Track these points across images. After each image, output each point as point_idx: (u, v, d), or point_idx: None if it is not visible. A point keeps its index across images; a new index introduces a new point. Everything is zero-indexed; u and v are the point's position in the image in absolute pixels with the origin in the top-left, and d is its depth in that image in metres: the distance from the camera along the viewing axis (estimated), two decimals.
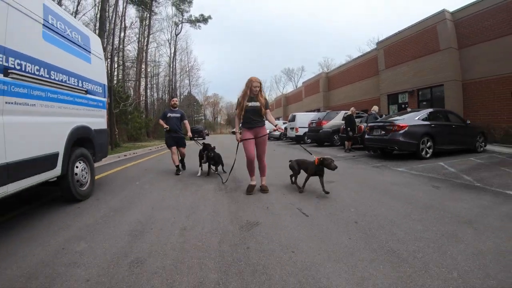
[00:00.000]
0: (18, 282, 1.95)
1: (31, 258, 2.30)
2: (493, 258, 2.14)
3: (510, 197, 3.93)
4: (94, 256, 2.29)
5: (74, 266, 2.14)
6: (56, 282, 1.92)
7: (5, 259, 2.29)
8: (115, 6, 24.96)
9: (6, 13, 2.75)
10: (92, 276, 1.98)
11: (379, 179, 5.46)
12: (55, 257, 2.31)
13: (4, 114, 2.64)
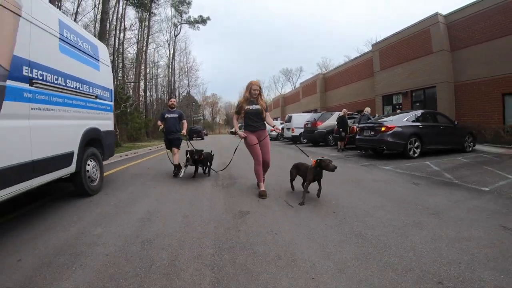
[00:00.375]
0: (46, 258, 2.39)
1: (55, 240, 2.75)
2: (449, 242, 2.58)
3: (483, 193, 4.37)
4: (110, 238, 2.75)
5: (94, 245, 2.60)
6: (80, 257, 2.37)
7: (32, 242, 2.73)
8: (114, 7, 25.45)
9: (29, 30, 3.20)
10: (110, 252, 2.43)
11: (365, 176, 5.93)
12: (76, 239, 2.76)
13: (30, 119, 3.08)
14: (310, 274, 2.02)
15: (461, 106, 14.55)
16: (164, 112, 6.71)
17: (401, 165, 7.19)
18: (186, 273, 2.06)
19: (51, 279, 2.03)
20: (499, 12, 12.65)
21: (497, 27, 12.77)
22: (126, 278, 2.01)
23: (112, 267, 2.17)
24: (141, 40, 33.33)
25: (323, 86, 28.56)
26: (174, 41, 40.86)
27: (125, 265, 2.21)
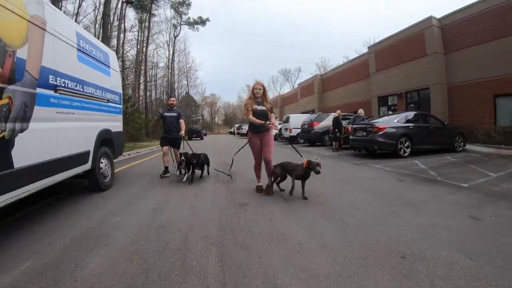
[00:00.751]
0: (75, 240, 2.84)
1: (80, 227, 3.20)
2: (419, 228, 3.03)
3: (462, 189, 4.83)
4: (128, 224, 3.20)
5: (115, 229, 3.05)
6: (104, 238, 2.83)
7: (58, 229, 3.17)
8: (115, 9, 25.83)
9: (53, 43, 3.64)
10: (130, 235, 2.89)
11: (355, 174, 6.39)
12: (98, 225, 3.22)
13: (55, 121, 3.53)
14: (297, 249, 2.49)
15: (454, 107, 15.00)
16: (163, 110, 6.70)
17: (391, 163, 7.65)
18: (196, 249, 2.52)
19: (83, 255, 2.47)
20: (490, 17, 13.12)
21: (488, 31, 13.24)
22: (147, 253, 2.46)
23: (133, 246, 2.63)
24: (141, 41, 33.77)
25: (320, 87, 29.07)
26: (174, 42, 41.29)
27: (143, 244, 2.66)
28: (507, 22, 12.42)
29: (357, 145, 9.61)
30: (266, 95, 4.70)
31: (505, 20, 12.50)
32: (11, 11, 2.85)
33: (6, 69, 2.72)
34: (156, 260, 2.33)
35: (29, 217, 3.57)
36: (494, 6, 12.94)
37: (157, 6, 34.63)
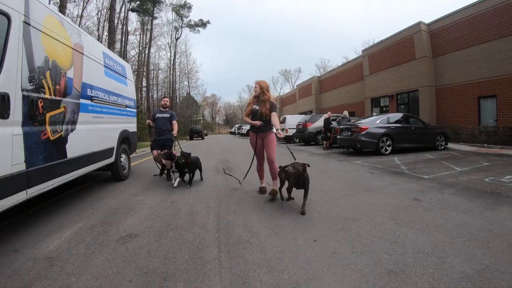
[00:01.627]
0: (110, 211, 3.92)
1: (111, 203, 4.29)
2: (367, 204, 4.08)
3: (420, 179, 5.84)
4: (149, 201, 4.32)
5: (139, 204, 4.15)
6: (132, 209, 3.92)
7: (95, 204, 4.27)
8: (119, 13, 26.94)
9: (88, 63, 4.74)
10: (151, 207, 4.01)
11: (335, 168, 7.48)
12: (125, 202, 4.32)
13: (92, 124, 4.63)
14: (269, 212, 3.61)
15: (442, 108, 16.06)
16: (155, 111, 6.54)
17: (371, 160, 8.72)
18: (200, 213, 3.65)
19: (119, 218, 3.57)
20: (474, 23, 14.20)
21: (472, 36, 14.32)
22: (165, 216, 3.58)
23: (155, 212, 3.74)
24: (143, 44, 34.93)
25: (318, 88, 30.22)
26: (175, 44, 42.49)
27: (162, 211, 3.78)
28: (489, 28, 13.48)
29: (344, 144, 10.72)
30: (267, 94, 4.55)
31: (488, 26, 13.55)
32: (62, 43, 3.95)
33: (61, 86, 3.82)
34: (172, 219, 3.44)
35: (69, 198, 4.67)
36: (478, 13, 14.00)
37: (159, 9, 35.78)
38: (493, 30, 13.39)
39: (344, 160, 8.97)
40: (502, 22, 12.94)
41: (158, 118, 6.21)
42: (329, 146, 12.66)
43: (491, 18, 13.45)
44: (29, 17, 3.19)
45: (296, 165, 3.66)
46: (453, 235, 2.86)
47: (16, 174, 2.84)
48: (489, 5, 13.46)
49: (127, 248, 2.68)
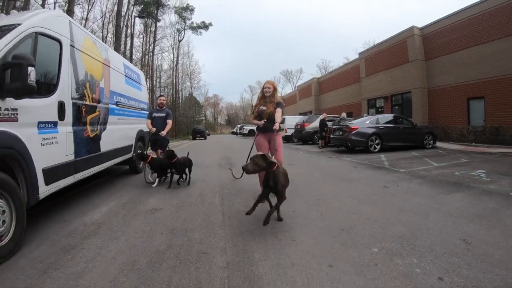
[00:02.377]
0: (135, 194, 4.88)
1: (133, 190, 5.26)
2: (340, 190, 5.06)
3: (397, 172, 6.76)
4: (165, 188, 5.25)
5: (157, 190, 5.13)
6: (152, 194, 4.89)
7: (120, 191, 5.23)
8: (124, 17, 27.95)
9: (114, 74, 5.72)
10: (169, 191, 4.95)
11: (325, 163, 8.45)
12: (145, 189, 5.29)
13: (117, 124, 5.61)
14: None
15: (434, 109, 16.92)
16: (152, 111, 6.58)
17: (359, 157, 9.66)
18: (208, 195, 4.64)
19: (144, 199, 4.55)
20: (464, 27, 15.07)
21: (462, 40, 15.20)
22: (181, 197, 4.56)
23: (171, 195, 4.72)
24: (148, 45, 36.01)
25: (317, 90, 31.19)
26: (178, 46, 43.58)
27: (177, 194, 4.77)
28: (477, 33, 14.32)
29: (336, 142, 11.67)
30: (275, 95, 4.50)
31: (476, 31, 14.39)
32: (95, 59, 4.93)
33: (96, 95, 4.80)
34: (186, 199, 4.43)
35: (96, 187, 5.65)
36: (467, 18, 14.87)
37: (163, 12, 36.89)
38: (480, 35, 14.23)
39: (334, 157, 9.92)
40: (488, 27, 13.79)
41: (155, 118, 6.35)
42: (325, 145, 13.60)
43: (478, 23, 14.30)
44: (73, 41, 4.17)
45: (257, 159, 3.03)
46: (403, 211, 3.80)
47: (68, 162, 3.81)
48: (476, 11, 14.35)
49: (154, 216, 3.66)
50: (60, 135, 3.61)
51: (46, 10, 3.92)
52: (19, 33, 3.07)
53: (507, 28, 12.97)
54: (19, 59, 2.71)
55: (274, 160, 3.24)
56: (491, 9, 13.77)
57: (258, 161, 2.98)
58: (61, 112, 3.66)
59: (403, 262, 2.35)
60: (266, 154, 3.10)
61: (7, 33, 3.00)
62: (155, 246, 2.77)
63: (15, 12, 4.39)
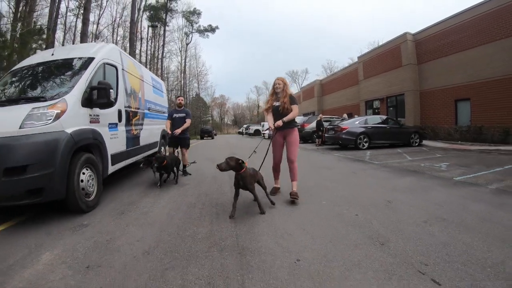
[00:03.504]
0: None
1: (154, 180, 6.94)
2: (320, 175, 6.72)
3: (372, 164, 8.32)
4: (185, 177, 6.96)
5: (181, 174, 6.80)
6: (168, 185, 6.57)
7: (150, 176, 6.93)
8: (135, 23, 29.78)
9: (145, 86, 7.44)
10: (190, 176, 6.64)
11: (316, 158, 10.09)
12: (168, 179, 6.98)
13: (148, 125, 7.34)
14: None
15: (425, 110, 18.44)
16: (172, 111, 7.03)
17: (348, 153, 11.27)
18: (219, 178, 6.33)
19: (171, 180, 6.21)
20: (452, 33, 16.52)
21: (451, 46, 16.63)
22: (199, 178, 6.26)
23: (192, 177, 6.41)
24: (157, 48, 37.96)
25: (320, 91, 32.83)
26: (186, 49, 45.53)
27: (197, 177, 6.47)
28: (465, 38, 15.69)
29: (330, 140, 13.31)
30: (286, 90, 4.56)
31: (464, 36, 15.78)
32: (135, 76, 6.66)
33: (137, 103, 6.54)
34: (203, 179, 6.15)
35: (129, 175, 7.35)
36: (455, 24, 16.30)
37: (171, 16, 38.81)
38: (467, 40, 15.65)
39: (326, 153, 11.56)
40: (474, 34, 15.20)
41: (175, 118, 6.82)
42: (322, 143, 15.22)
43: (465, 30, 15.75)
44: (123, 65, 5.90)
45: (229, 160, 3.69)
46: (357, 186, 5.46)
47: (123, 151, 5.55)
48: (463, 18, 15.82)
49: (184, 188, 5.40)
50: (119, 133, 5.36)
51: (105, 45, 5.58)
52: (95, 64, 4.78)
53: (491, 34, 14.33)
54: (104, 85, 4.44)
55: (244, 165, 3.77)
56: (475, 16, 15.14)
57: (230, 162, 3.68)
58: (120, 116, 5.40)
59: (339, 208, 4.01)
60: (238, 158, 3.74)
61: (88, 65, 4.70)
62: (188, 201, 4.50)
63: (80, 45, 6.15)
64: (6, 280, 2.26)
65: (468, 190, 4.89)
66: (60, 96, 3.91)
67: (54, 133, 3.58)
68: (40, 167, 3.35)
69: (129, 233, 3.22)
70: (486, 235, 2.87)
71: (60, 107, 3.76)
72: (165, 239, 3.01)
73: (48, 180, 3.41)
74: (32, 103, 3.80)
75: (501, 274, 2.17)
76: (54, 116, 3.64)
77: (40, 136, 3.46)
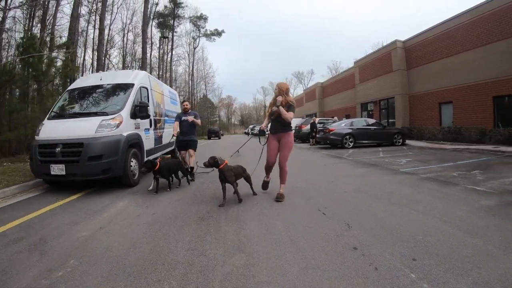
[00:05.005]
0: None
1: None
2: (300, 166, 8.92)
3: (346, 160, 10.48)
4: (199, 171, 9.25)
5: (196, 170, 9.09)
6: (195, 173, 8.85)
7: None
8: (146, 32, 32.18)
9: (165, 98, 9.75)
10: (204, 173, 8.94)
11: (303, 154, 12.31)
12: None
13: (166, 128, 9.65)
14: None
15: (413, 112, 20.30)
16: (180, 114, 7.48)
17: (333, 151, 13.40)
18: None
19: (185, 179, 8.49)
20: (437, 41, 18.17)
21: (435, 52, 18.25)
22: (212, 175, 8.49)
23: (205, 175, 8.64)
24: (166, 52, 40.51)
25: (321, 94, 35.01)
26: (193, 53, 48.11)
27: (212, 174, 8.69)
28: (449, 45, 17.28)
29: (320, 140, 15.50)
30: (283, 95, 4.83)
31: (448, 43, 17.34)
32: (158, 92, 9.00)
33: (160, 113, 8.87)
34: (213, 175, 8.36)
35: None
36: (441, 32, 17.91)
37: (179, 22, 41.36)
38: (450, 47, 17.25)
39: (315, 151, 13.75)
40: (455, 42, 16.85)
41: (182, 121, 7.23)
42: (315, 143, 17.39)
43: (448, 38, 17.35)
44: (151, 86, 8.22)
45: (210, 159, 4.78)
46: (320, 174, 7.69)
47: (151, 148, 7.86)
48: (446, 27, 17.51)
49: (200, 182, 7.58)
50: (150, 135, 7.70)
51: (139, 72, 7.93)
52: (135, 88, 7.12)
53: (470, 42, 15.93)
54: (144, 104, 6.78)
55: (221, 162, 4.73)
56: (456, 26, 16.72)
57: (210, 160, 4.77)
58: (151, 124, 7.73)
59: (297, 184, 6.22)
60: (216, 156, 4.77)
61: (131, 89, 7.02)
62: (205, 190, 6.75)
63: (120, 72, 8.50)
64: (104, 211, 4.56)
65: (401, 177, 6.76)
66: (117, 112, 6.25)
67: (117, 136, 5.91)
68: (109, 156, 5.69)
69: (164, 194, 5.57)
70: (386, 201, 4.77)
71: (119, 119, 6.09)
72: (182, 200, 5.29)
73: (114, 164, 5.74)
74: (100, 116, 6.14)
75: (374, 218, 4.40)
76: (116, 125, 5.98)
77: (108, 137, 5.80)
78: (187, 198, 5.40)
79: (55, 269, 2.63)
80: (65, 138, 5.74)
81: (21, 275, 2.54)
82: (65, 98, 7.35)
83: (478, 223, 3.51)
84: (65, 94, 7.56)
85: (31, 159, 6.12)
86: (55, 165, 5.60)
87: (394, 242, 2.99)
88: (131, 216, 4.28)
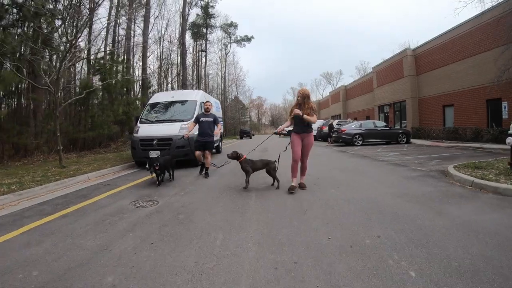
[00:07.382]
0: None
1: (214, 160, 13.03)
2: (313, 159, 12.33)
3: (348, 153, 13.79)
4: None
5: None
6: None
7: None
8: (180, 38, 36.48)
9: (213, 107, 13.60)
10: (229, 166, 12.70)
11: (320, 150, 15.69)
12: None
13: None
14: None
15: (422, 114, 22.88)
16: (199, 115, 7.81)
17: (343, 148, 16.63)
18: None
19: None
20: (441, 49, 20.48)
21: (440, 60, 20.50)
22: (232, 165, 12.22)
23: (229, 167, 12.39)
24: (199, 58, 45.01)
25: (345, 96, 38.02)
26: (225, 59, 52.49)
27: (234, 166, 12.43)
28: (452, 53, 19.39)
29: (335, 139, 18.89)
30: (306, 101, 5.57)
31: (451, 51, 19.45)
32: None
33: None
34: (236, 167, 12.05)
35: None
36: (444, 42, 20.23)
37: (211, 31, 45.69)
38: (454, 55, 19.24)
39: (330, 148, 17.07)
40: (456, 51, 19.02)
41: (202, 122, 7.57)
42: (333, 141, 20.64)
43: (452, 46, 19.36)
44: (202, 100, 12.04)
45: (232, 152, 6.05)
46: (325, 164, 11.19)
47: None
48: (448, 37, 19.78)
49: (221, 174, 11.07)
50: None
51: (199, 92, 11.83)
52: (198, 103, 11.13)
53: (467, 51, 18.05)
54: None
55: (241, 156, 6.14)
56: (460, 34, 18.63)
57: (233, 154, 6.08)
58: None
59: None
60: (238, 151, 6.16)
61: (196, 104, 11.00)
62: (228, 179, 10.44)
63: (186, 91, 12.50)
64: (183, 189, 8.38)
65: (376, 163, 9.83)
66: (189, 120, 10.09)
67: (191, 135, 9.70)
68: (187, 146, 9.58)
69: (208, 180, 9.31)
70: (352, 173, 8.31)
71: (191, 124, 9.89)
72: (215, 187, 8.35)
73: (190, 151, 9.63)
74: (179, 122, 10.08)
75: (340, 180, 7.95)
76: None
77: None
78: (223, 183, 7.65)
79: (179, 192, 6.19)
80: (159, 136, 9.80)
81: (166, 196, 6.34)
82: (148, 109, 11.41)
83: (399, 184, 6.27)
84: (147, 107, 11.62)
85: (133, 148, 10.15)
86: (153, 151, 9.56)
87: (345, 189, 5.95)
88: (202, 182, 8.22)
